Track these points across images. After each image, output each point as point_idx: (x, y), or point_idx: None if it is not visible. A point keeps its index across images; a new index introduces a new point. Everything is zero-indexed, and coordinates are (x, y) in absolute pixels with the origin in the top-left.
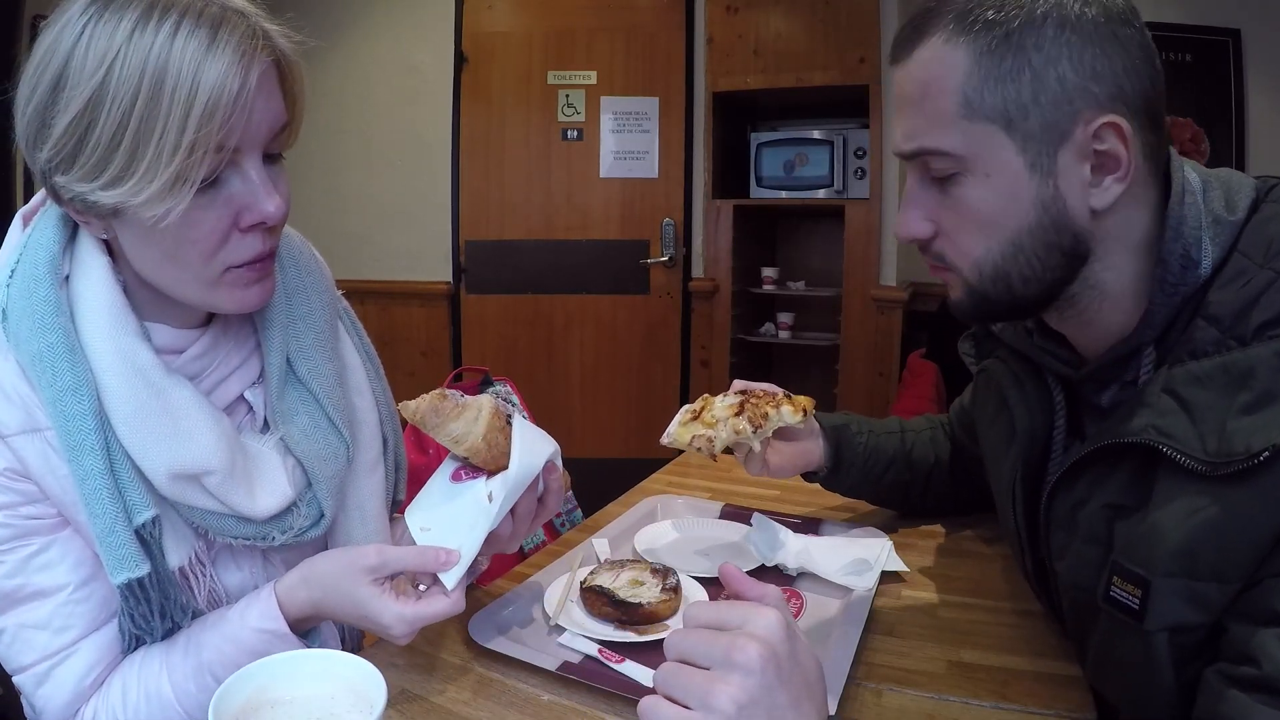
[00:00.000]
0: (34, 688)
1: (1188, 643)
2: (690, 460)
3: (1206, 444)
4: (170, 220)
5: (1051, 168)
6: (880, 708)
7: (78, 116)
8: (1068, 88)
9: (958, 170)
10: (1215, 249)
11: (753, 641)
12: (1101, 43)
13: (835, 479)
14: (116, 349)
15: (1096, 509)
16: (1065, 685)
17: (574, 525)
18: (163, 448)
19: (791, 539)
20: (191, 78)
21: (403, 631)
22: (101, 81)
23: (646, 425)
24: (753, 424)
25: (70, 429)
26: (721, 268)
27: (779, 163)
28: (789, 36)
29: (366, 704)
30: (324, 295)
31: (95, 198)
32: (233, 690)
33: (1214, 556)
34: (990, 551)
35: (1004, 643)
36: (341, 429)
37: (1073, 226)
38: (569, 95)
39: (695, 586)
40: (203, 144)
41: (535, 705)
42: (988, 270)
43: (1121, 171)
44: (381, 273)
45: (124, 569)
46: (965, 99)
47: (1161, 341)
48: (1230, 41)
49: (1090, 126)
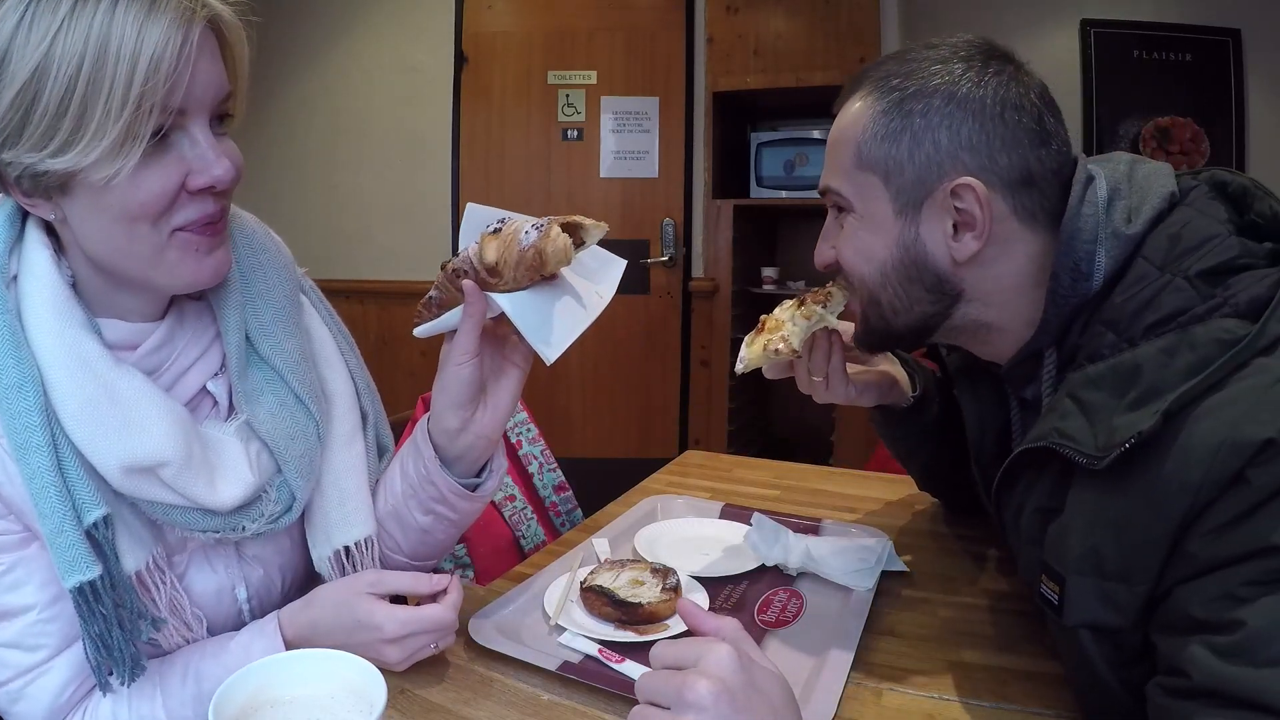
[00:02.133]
0: (9, 704)
1: (1119, 644)
2: (690, 460)
3: (1098, 440)
4: (121, 178)
5: (915, 217)
6: (880, 708)
7: (23, 88)
8: (940, 152)
9: (846, 207)
10: (1109, 261)
11: (702, 679)
12: (983, 120)
13: (916, 413)
14: (61, 342)
15: (1031, 512)
16: (1065, 685)
17: (574, 525)
18: (113, 440)
19: (791, 539)
20: (135, 38)
21: (394, 632)
22: (46, 53)
23: (646, 425)
24: (822, 303)
25: (16, 427)
26: (721, 268)
27: (779, 162)
28: (789, 36)
29: (366, 704)
30: (282, 271)
31: (45, 166)
32: (233, 690)
33: (1116, 556)
34: (990, 552)
35: (1004, 643)
36: (309, 404)
37: (935, 269)
38: (569, 95)
39: (695, 586)
40: (149, 98)
41: (535, 705)
42: (865, 294)
43: (977, 230)
44: (381, 273)
45: (74, 571)
46: (858, 150)
47: (1062, 346)
48: (1230, 41)
49: (948, 185)
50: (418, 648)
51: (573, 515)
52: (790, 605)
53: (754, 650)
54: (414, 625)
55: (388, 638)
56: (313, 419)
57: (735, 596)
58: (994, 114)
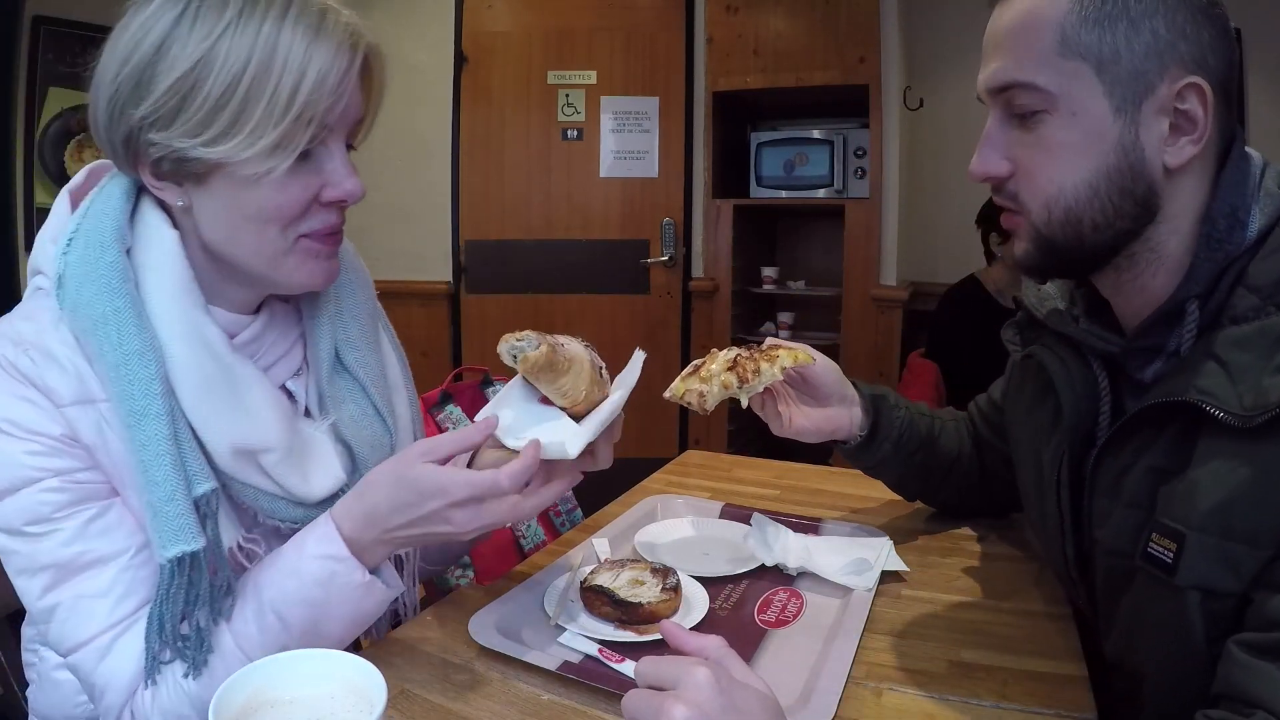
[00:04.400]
0: (95, 662)
1: (1220, 612)
2: (690, 460)
3: (1243, 400)
4: (271, 179)
5: (1135, 115)
6: (880, 707)
7: (183, 76)
8: (1160, 42)
9: (1044, 108)
10: (1263, 217)
11: (678, 704)
12: (1194, 11)
13: (866, 450)
14: (186, 320)
15: (1140, 473)
16: (1065, 685)
17: (574, 525)
18: (226, 421)
19: (791, 539)
20: (303, 53)
21: (461, 494)
22: (210, 48)
23: (646, 425)
24: (740, 379)
25: (134, 394)
26: (721, 267)
27: (779, 162)
28: (789, 36)
29: (366, 704)
30: (367, 291)
31: (196, 154)
32: (233, 690)
33: (1247, 517)
34: (991, 551)
35: (1004, 643)
36: (385, 418)
37: (1148, 178)
38: (569, 95)
39: (695, 586)
40: (309, 110)
41: (535, 705)
42: (1058, 212)
43: (1197, 134)
44: (381, 272)
45: (178, 541)
46: (1063, 35)
47: (1205, 304)
48: None
49: (1175, 84)
50: (491, 519)
51: (573, 515)
52: (790, 605)
53: (738, 668)
54: (482, 488)
55: (455, 500)
56: (389, 431)
57: (735, 596)
58: (1202, 4)
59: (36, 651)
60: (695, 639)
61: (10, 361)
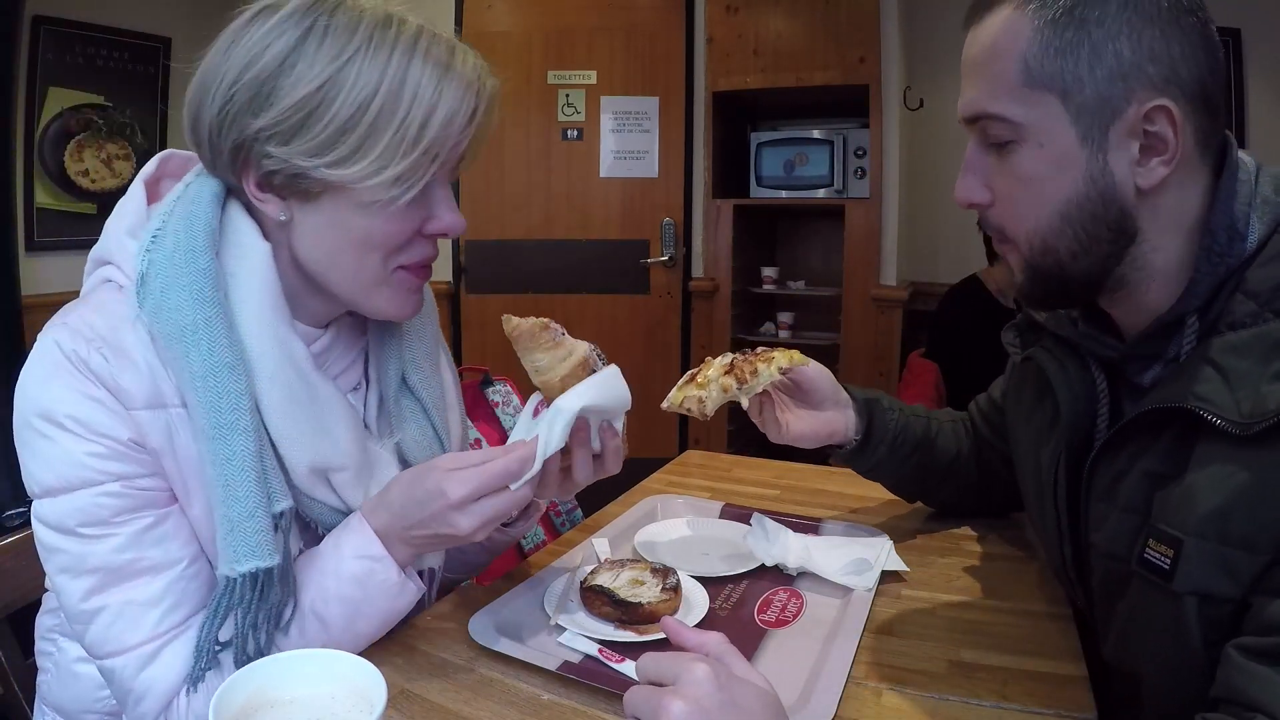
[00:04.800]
0: (137, 670)
1: (1217, 617)
2: (690, 460)
3: (1241, 407)
4: (389, 209)
5: (1103, 142)
6: (880, 707)
7: (309, 94)
8: (1124, 65)
9: (1014, 138)
10: (1261, 226)
11: (676, 699)
12: (1162, 26)
13: (861, 454)
14: (274, 334)
15: (1137, 477)
16: (1065, 685)
17: (574, 525)
18: (307, 439)
19: (791, 539)
20: (433, 90)
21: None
22: (339, 70)
23: (646, 425)
24: (739, 380)
25: (222, 407)
26: (721, 267)
27: (779, 162)
28: (789, 36)
29: (366, 704)
30: (433, 316)
31: (318, 174)
32: (233, 690)
33: (1245, 522)
34: (991, 551)
35: (1004, 643)
36: (444, 440)
37: (1119, 202)
38: (569, 95)
39: (695, 586)
40: (436, 147)
41: (535, 705)
42: (1037, 243)
43: (1168, 155)
44: None
45: (254, 557)
46: (1026, 66)
47: (1204, 314)
48: (1230, 41)
49: (1142, 107)
50: (491, 514)
51: (573, 515)
52: (790, 605)
53: (739, 665)
54: (477, 482)
55: (453, 502)
56: (445, 451)
57: (735, 596)
58: (1170, 18)
59: (55, 642)
60: (696, 635)
61: (82, 358)
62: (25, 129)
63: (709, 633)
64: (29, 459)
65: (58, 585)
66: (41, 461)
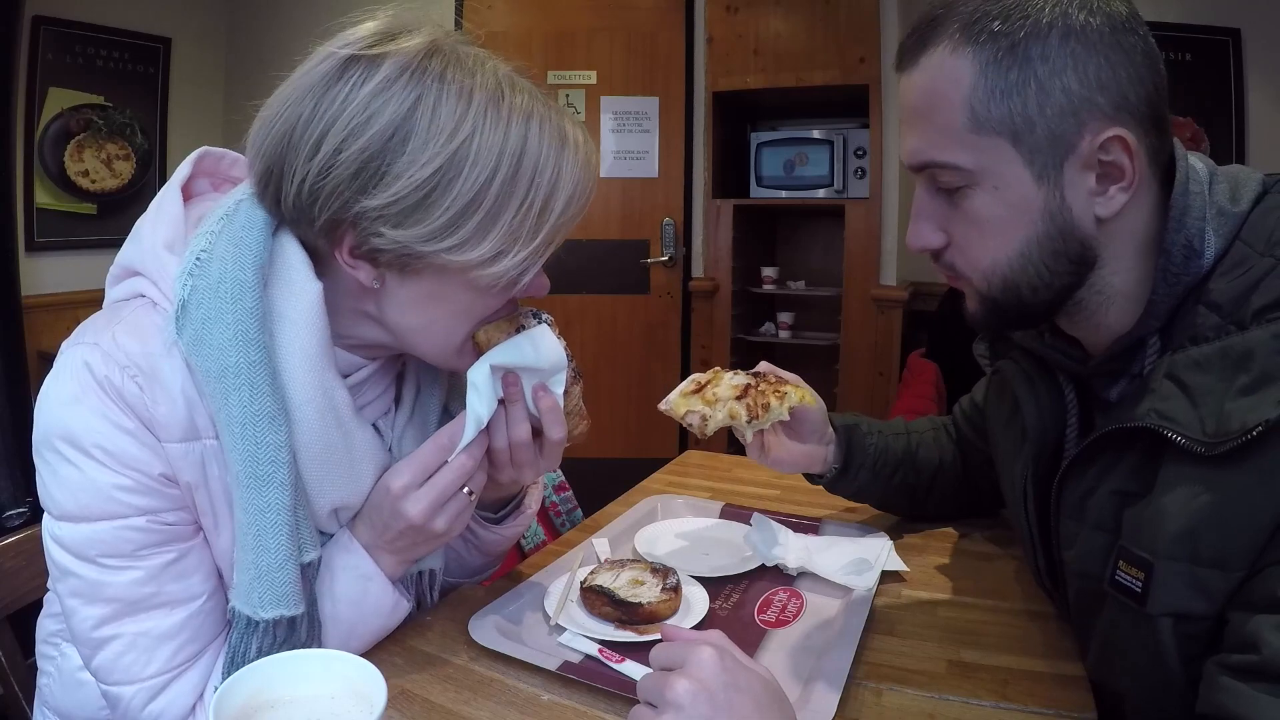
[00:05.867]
0: (145, 701)
1: (1193, 634)
2: (690, 460)
3: (1205, 425)
4: (515, 292)
5: (1058, 179)
6: (880, 707)
7: (432, 176)
8: (1073, 100)
9: (965, 184)
10: (1218, 240)
11: (682, 679)
12: (1105, 52)
13: (843, 480)
14: (319, 383)
15: (1105, 495)
16: (1065, 685)
17: (574, 525)
18: (337, 486)
19: (791, 539)
20: (553, 167)
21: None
22: (458, 148)
23: (646, 425)
24: (750, 413)
25: (260, 458)
26: (721, 267)
27: (779, 162)
28: (789, 36)
29: (366, 704)
30: None
31: (440, 260)
32: (233, 690)
33: (1215, 542)
34: (990, 551)
35: (1004, 643)
36: None
37: (1079, 234)
38: (569, 95)
39: (695, 586)
40: (557, 231)
41: (535, 705)
42: (996, 280)
43: (1126, 181)
44: None
45: (280, 605)
46: (972, 112)
47: (1165, 331)
48: (1230, 41)
49: (1096, 139)
50: (437, 497)
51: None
52: (790, 605)
53: (741, 656)
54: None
55: (395, 492)
56: None
57: (735, 596)
58: (1112, 42)
59: (57, 646)
60: (695, 637)
61: (115, 386)
62: (25, 129)
63: (709, 631)
64: (49, 479)
65: (68, 608)
66: (63, 486)
